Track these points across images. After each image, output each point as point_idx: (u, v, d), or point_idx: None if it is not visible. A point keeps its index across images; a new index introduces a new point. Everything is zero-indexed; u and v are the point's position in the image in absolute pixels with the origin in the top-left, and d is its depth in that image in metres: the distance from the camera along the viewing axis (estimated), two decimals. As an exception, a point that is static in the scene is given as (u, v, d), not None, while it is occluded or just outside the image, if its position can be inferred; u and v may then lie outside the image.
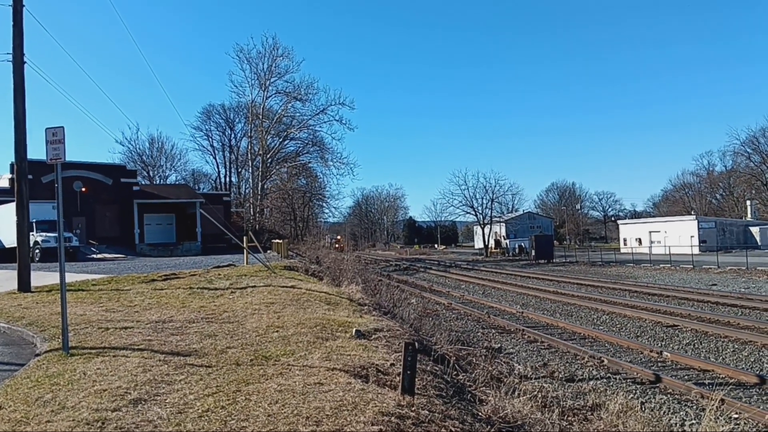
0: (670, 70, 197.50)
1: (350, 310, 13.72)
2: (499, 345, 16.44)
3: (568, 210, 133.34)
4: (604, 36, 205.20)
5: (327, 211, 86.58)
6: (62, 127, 9.27)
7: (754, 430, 9.55)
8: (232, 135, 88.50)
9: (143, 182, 70.08)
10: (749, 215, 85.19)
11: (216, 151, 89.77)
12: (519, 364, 13.45)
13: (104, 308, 12.88)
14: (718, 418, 8.75)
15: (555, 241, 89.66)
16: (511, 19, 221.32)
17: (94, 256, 39.05)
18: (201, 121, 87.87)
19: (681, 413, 10.42)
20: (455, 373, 9.81)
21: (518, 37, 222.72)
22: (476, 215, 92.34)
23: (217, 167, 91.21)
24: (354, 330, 10.23)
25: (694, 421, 9.76)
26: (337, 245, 73.19)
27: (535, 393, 9.47)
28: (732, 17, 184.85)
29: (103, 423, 5.31)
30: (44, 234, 34.41)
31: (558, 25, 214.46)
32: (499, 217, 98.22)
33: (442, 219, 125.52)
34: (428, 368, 8.93)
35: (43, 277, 19.53)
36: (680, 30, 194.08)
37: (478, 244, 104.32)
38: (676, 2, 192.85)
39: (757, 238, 69.52)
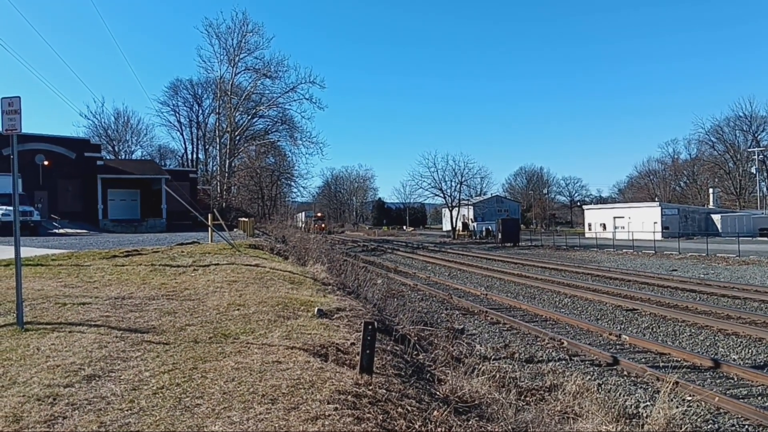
0: (639, 60, 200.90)
1: (314, 289, 13.68)
2: (461, 326, 16.54)
3: (536, 194, 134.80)
4: (577, 26, 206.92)
5: (295, 190, 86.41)
6: (18, 97, 9.01)
7: (706, 411, 9.78)
8: (200, 111, 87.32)
9: (108, 157, 68.86)
10: (711, 203, 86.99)
11: (183, 127, 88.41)
12: (480, 345, 13.57)
13: (63, 283, 12.66)
14: (671, 400, 8.92)
15: (522, 225, 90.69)
16: (484, 5, 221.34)
17: (56, 231, 38.34)
18: (168, 96, 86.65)
19: (636, 395, 10.64)
20: (416, 353, 9.86)
21: (491, 24, 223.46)
22: (445, 198, 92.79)
23: (184, 144, 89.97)
24: (316, 309, 10.20)
25: (648, 403, 9.95)
26: (316, 225, 62.15)
27: (494, 373, 9.55)
28: (698, 11, 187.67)
29: (54, 399, 5.23)
30: (3, 207, 33.52)
31: (531, 13, 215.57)
32: (468, 200, 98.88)
33: (411, 201, 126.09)
34: (389, 348, 8.97)
35: (0, 251, 19.08)
36: (650, 22, 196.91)
37: (446, 226, 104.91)
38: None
39: (718, 226, 71.04)
